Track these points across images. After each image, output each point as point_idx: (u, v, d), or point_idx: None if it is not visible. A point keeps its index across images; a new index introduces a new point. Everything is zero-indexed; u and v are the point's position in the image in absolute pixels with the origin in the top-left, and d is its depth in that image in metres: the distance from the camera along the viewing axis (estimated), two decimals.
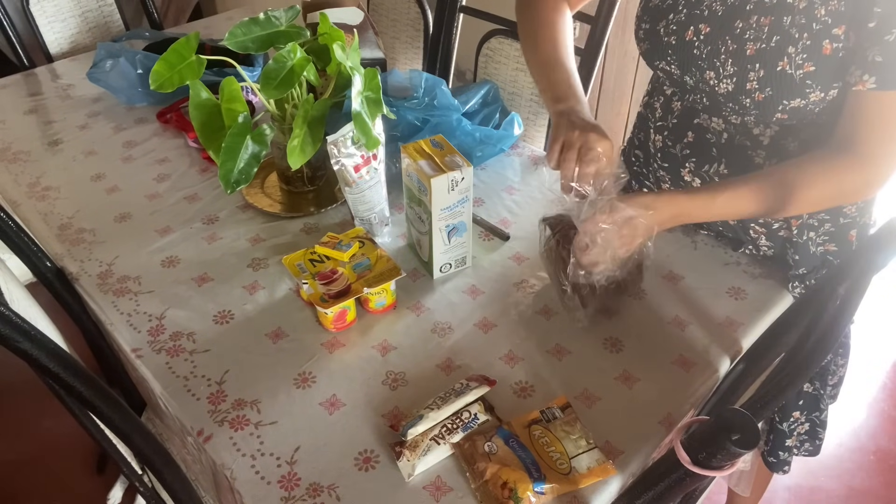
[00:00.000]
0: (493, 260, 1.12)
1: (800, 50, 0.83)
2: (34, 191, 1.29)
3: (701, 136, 1.01)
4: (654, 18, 0.98)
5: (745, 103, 0.90)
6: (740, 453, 0.58)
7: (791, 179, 0.86)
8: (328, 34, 1.08)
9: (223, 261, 1.12)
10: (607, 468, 0.80)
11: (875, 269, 0.71)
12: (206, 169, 1.34)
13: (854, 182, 0.86)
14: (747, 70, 0.88)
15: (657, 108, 1.08)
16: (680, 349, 0.97)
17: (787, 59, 0.84)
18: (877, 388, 1.96)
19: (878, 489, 1.72)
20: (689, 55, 0.94)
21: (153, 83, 1.03)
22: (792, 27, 0.84)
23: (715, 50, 0.91)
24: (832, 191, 0.87)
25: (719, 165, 1.00)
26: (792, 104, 0.87)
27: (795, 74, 0.84)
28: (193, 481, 0.99)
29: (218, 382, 0.92)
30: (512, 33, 1.53)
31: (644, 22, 1.00)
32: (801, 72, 0.84)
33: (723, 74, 0.90)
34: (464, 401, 0.85)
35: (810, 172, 0.86)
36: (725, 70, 0.90)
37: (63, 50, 1.89)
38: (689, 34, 0.93)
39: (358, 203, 1.10)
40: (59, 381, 0.67)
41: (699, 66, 0.93)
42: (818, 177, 0.86)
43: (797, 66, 0.84)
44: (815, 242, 1.01)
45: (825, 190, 0.87)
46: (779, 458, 1.21)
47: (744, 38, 0.88)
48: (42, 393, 0.89)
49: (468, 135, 1.29)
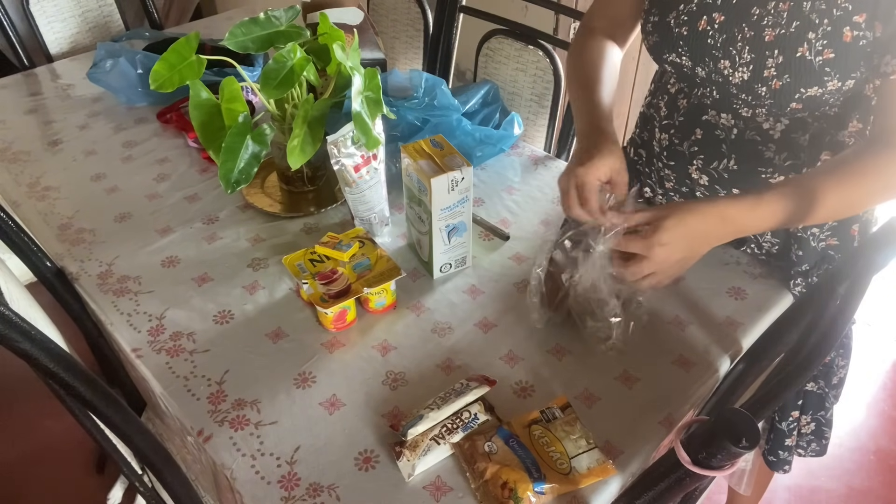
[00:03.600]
0: (493, 260, 1.12)
1: (820, 36, 0.83)
2: (34, 191, 1.29)
3: (709, 132, 1.01)
4: (664, 10, 0.97)
5: (761, 92, 0.89)
6: (740, 453, 0.58)
7: (848, 177, 0.82)
8: (328, 34, 1.08)
9: (223, 261, 1.12)
10: (607, 468, 0.80)
11: (875, 268, 0.71)
12: (206, 169, 1.34)
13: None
14: (765, 56, 0.87)
15: (661, 106, 1.07)
16: (680, 349, 0.97)
17: (806, 45, 0.83)
18: (877, 388, 1.96)
19: (878, 489, 1.72)
20: (703, 45, 0.93)
21: (153, 83, 1.03)
22: (812, 12, 0.83)
23: (731, 38, 0.90)
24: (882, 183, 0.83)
25: (728, 161, 1.00)
26: (808, 93, 0.86)
27: (815, 61, 0.84)
28: (193, 481, 0.99)
29: (218, 382, 0.92)
30: (512, 33, 1.53)
31: (652, 14, 0.99)
32: (820, 58, 0.83)
33: (739, 63, 0.89)
34: (464, 401, 0.85)
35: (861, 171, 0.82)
36: (742, 58, 0.89)
37: (63, 50, 1.89)
38: (702, 23, 0.92)
39: (358, 203, 1.10)
40: (60, 381, 0.67)
41: (713, 55, 0.92)
42: (873, 175, 0.82)
43: (817, 53, 0.83)
44: (817, 238, 1.01)
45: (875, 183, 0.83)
46: (779, 458, 1.20)
47: (762, 24, 0.87)
48: (42, 393, 0.89)
49: (468, 135, 1.29)
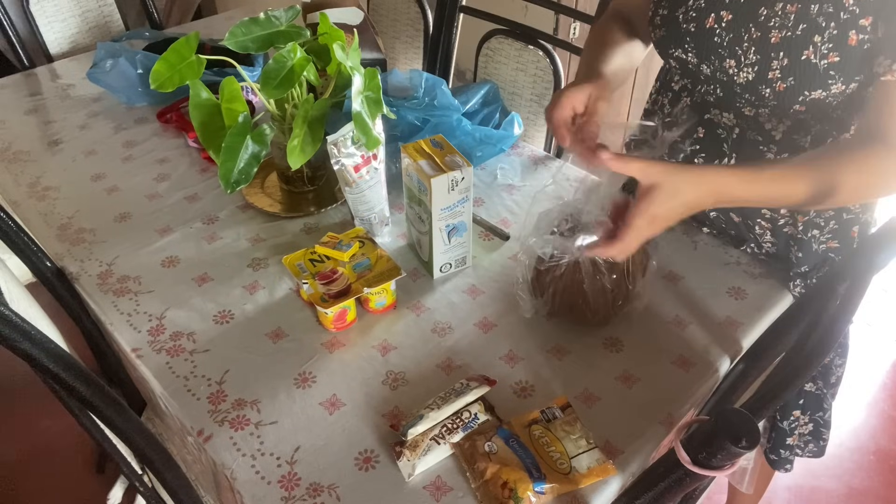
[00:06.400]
0: (493, 260, 1.12)
1: (826, 39, 0.82)
2: (34, 191, 1.29)
3: (712, 131, 1.00)
4: (673, 5, 0.96)
5: (765, 94, 0.89)
6: (740, 453, 0.58)
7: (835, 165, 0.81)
8: (328, 34, 1.08)
9: (223, 261, 1.12)
10: (607, 468, 0.80)
11: (875, 268, 0.71)
12: (206, 169, 1.34)
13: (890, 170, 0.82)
14: (770, 58, 0.86)
15: (665, 104, 1.07)
16: (680, 349, 0.97)
17: (812, 49, 0.83)
18: (877, 388, 1.96)
19: (878, 489, 1.72)
20: (709, 43, 0.93)
21: (153, 83, 1.03)
22: (819, 15, 0.82)
23: (737, 37, 0.89)
24: (874, 180, 0.83)
25: (729, 161, 1.00)
26: (812, 95, 0.86)
27: (820, 64, 0.83)
28: (193, 481, 0.99)
29: (218, 382, 0.92)
30: (512, 33, 1.53)
31: (661, 8, 0.98)
32: (825, 62, 0.83)
33: (744, 63, 0.89)
34: (464, 401, 0.85)
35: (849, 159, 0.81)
36: (747, 58, 0.89)
37: (63, 50, 1.89)
38: (709, 21, 0.92)
39: (358, 203, 1.10)
40: (60, 381, 0.67)
41: (719, 54, 0.92)
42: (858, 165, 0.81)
43: (822, 56, 0.83)
44: (818, 240, 1.01)
45: (867, 178, 0.82)
46: (780, 457, 1.21)
47: (768, 25, 0.86)
48: (42, 393, 0.89)
49: (468, 135, 1.29)
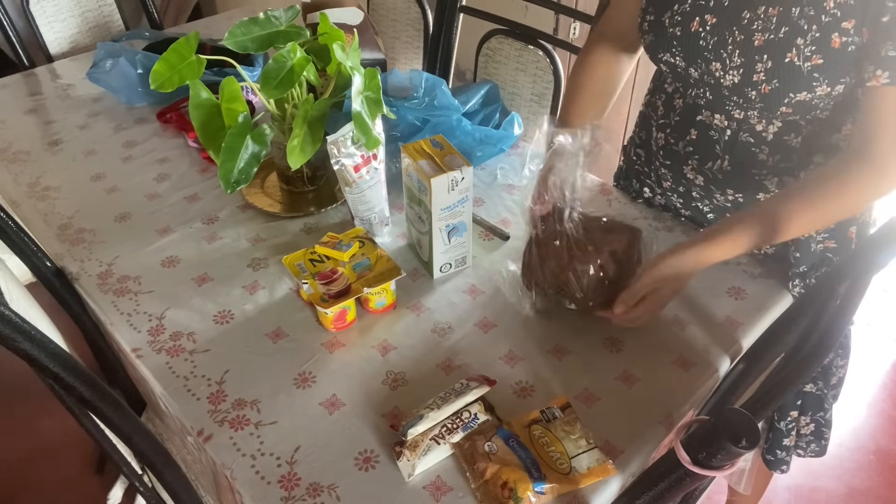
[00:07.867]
0: (493, 260, 1.12)
1: (808, 42, 0.83)
2: (34, 191, 1.29)
3: (704, 133, 1.01)
4: (659, 9, 0.97)
5: (751, 96, 0.89)
6: (740, 453, 0.58)
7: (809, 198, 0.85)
8: (328, 34, 1.08)
9: (223, 261, 1.12)
10: (607, 468, 0.80)
11: (875, 268, 0.71)
12: (206, 169, 1.34)
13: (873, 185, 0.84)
14: (755, 61, 0.87)
15: (659, 105, 1.07)
16: (680, 349, 0.97)
17: (795, 51, 0.84)
18: (877, 388, 1.96)
19: (878, 489, 1.72)
20: (695, 46, 0.93)
21: (153, 83, 1.03)
22: (801, 18, 0.83)
23: (721, 41, 0.90)
24: (853, 200, 0.86)
25: (722, 162, 1.00)
26: (798, 97, 0.86)
27: (803, 66, 0.84)
28: (193, 481, 0.99)
29: (218, 382, 0.92)
30: (512, 33, 1.53)
31: (648, 13, 0.99)
32: (808, 64, 0.84)
33: (729, 66, 0.90)
34: (464, 401, 0.85)
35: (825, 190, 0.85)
36: (732, 61, 0.89)
37: (63, 50, 1.89)
38: (694, 25, 0.93)
39: (358, 203, 1.10)
40: (60, 381, 0.67)
41: (705, 57, 0.93)
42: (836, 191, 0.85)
43: (805, 59, 0.83)
44: (815, 240, 1.01)
45: (846, 201, 0.86)
46: (777, 457, 1.21)
47: (751, 28, 0.87)
48: (42, 393, 0.89)
49: (468, 135, 1.29)
